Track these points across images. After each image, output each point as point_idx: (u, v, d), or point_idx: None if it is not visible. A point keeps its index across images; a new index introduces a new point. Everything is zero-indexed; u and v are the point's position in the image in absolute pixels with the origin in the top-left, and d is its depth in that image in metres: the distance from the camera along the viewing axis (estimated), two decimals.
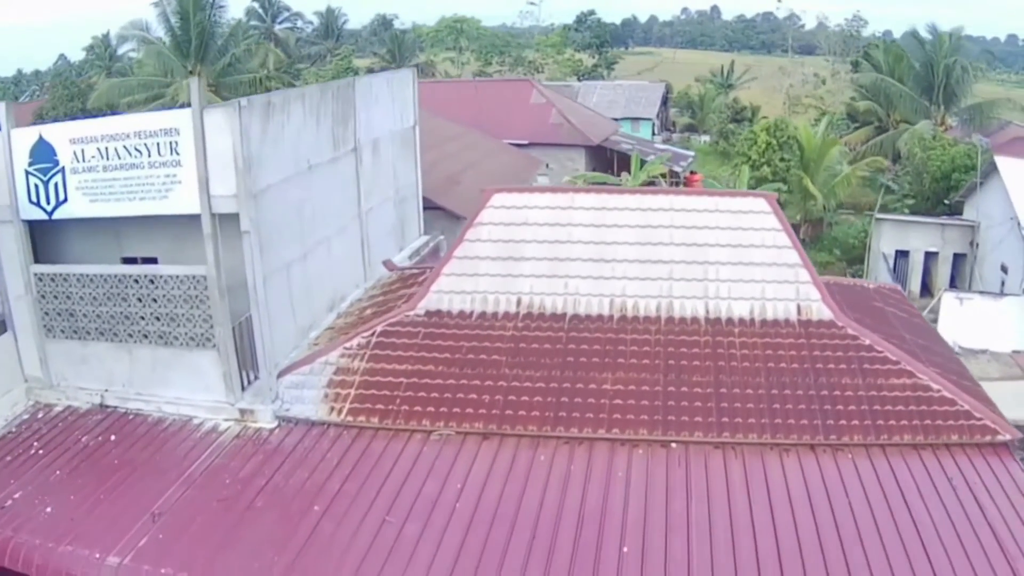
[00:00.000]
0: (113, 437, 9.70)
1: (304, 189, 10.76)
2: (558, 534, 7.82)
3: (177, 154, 9.25)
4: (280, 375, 9.84)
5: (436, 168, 15.94)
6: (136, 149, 9.43)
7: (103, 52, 57.05)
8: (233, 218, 9.33)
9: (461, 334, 10.00)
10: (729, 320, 10.14)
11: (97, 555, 7.93)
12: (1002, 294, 16.13)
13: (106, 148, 9.55)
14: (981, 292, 16.07)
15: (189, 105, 9.08)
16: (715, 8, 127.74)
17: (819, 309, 10.28)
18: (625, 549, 7.65)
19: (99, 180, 9.65)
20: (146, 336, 9.85)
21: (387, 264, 12.17)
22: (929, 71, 28.51)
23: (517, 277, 10.31)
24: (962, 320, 15.36)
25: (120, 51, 54.04)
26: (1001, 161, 18.95)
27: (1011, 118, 29.02)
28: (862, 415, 9.36)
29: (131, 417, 9.98)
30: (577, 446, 8.99)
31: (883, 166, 24.66)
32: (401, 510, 8.16)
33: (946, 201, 22.99)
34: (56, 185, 9.86)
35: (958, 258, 21.02)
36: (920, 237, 20.61)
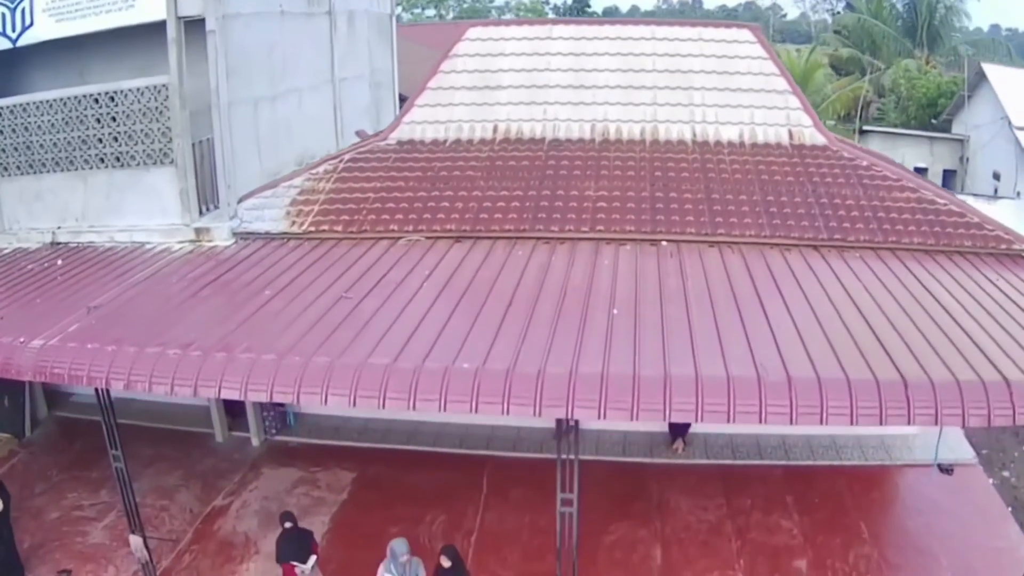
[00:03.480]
0: (60, 262, 8.51)
1: (275, 33, 9.86)
2: (538, 304, 6.59)
3: None
4: (240, 200, 8.77)
5: (413, 76, 15.06)
6: None
7: None
8: (200, 39, 8.49)
9: (434, 157, 8.94)
10: (718, 143, 9.08)
11: (21, 340, 6.69)
12: (996, 197, 15.11)
13: None
14: (974, 195, 15.01)
15: None
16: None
17: (812, 135, 9.25)
18: (615, 311, 6.43)
19: None
20: (103, 160, 8.79)
21: (360, 133, 11.23)
22: (912, 11, 27.57)
23: (494, 105, 9.30)
24: None
25: None
26: (989, 68, 18.20)
27: (996, 61, 28.05)
28: (866, 220, 8.22)
29: (82, 248, 8.87)
30: (559, 245, 7.82)
31: (864, 91, 23.61)
32: (360, 291, 6.97)
33: (933, 120, 21.94)
34: (23, 11, 8.95)
35: (948, 175, 19.85)
36: (909, 151, 19.19)
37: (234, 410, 9.57)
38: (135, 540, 7.05)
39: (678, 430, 8.98)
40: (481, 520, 7.98)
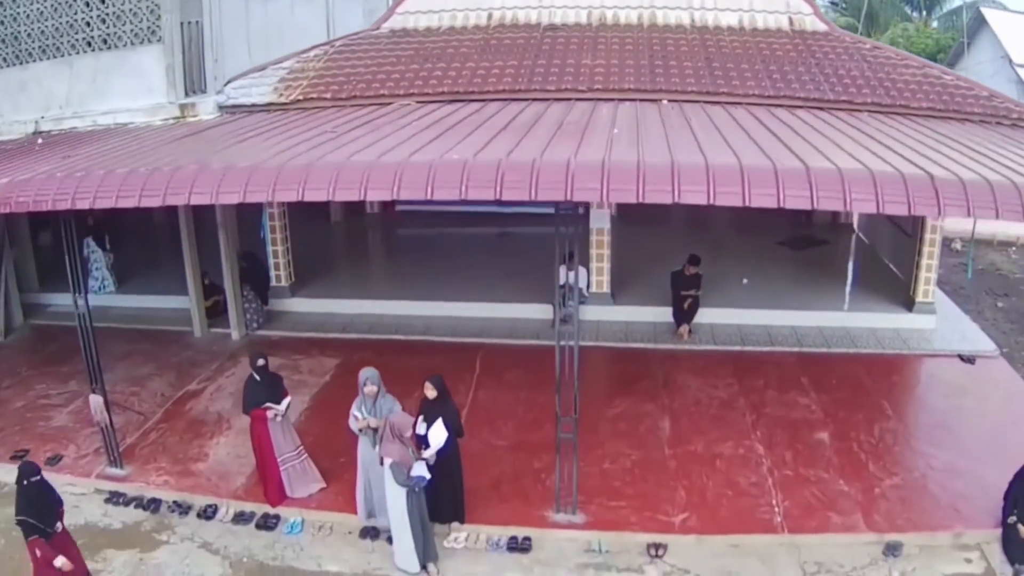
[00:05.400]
0: (40, 141, 8.01)
1: None
2: (533, 129, 6.03)
3: None
4: (228, 83, 8.30)
5: None
6: None
7: None
8: None
9: (427, 40, 8.52)
10: (717, 27, 8.65)
11: None
12: None
13: None
14: None
15: None
16: None
17: (812, 22, 8.84)
18: (616, 130, 5.87)
19: None
20: (90, 44, 8.39)
21: None
22: None
23: None
24: None
25: None
26: (988, 11, 17.97)
27: None
28: (873, 88, 7.74)
29: (64, 133, 8.38)
30: (555, 103, 7.30)
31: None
32: (346, 128, 6.42)
33: None
34: None
35: None
36: None
37: (215, 310, 8.91)
38: (95, 399, 6.29)
39: (683, 316, 8.28)
40: (473, 396, 7.26)
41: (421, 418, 5.47)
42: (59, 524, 5.09)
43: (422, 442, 5.43)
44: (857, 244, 11.13)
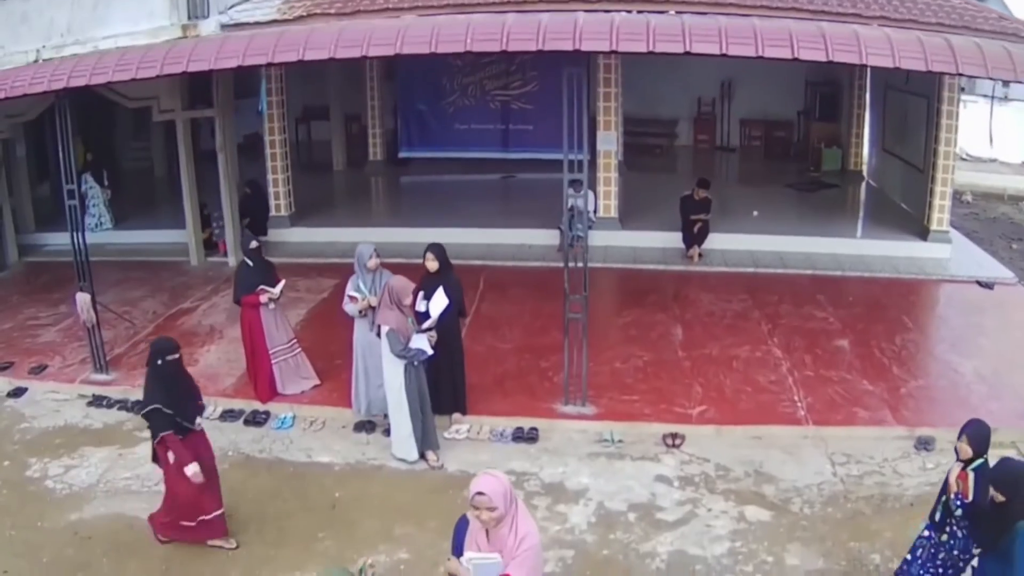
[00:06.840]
0: (40, 60, 7.84)
1: None
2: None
3: None
4: (231, 7, 8.12)
5: None
6: None
7: None
8: None
9: None
10: None
11: None
12: (1006, 100, 14.23)
13: None
14: (985, 95, 14.10)
15: None
16: None
17: None
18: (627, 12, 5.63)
19: None
20: None
21: None
22: None
23: None
24: (966, 127, 12.29)
25: None
26: None
27: None
28: (881, 5, 7.55)
29: (64, 59, 8.20)
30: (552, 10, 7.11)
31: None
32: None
33: None
34: None
35: None
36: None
37: (212, 241, 8.61)
38: (82, 297, 5.96)
39: (693, 240, 7.94)
40: (476, 308, 6.92)
41: (422, 294, 5.12)
42: (199, 419, 4.21)
43: (423, 319, 5.08)
44: (867, 188, 10.85)
